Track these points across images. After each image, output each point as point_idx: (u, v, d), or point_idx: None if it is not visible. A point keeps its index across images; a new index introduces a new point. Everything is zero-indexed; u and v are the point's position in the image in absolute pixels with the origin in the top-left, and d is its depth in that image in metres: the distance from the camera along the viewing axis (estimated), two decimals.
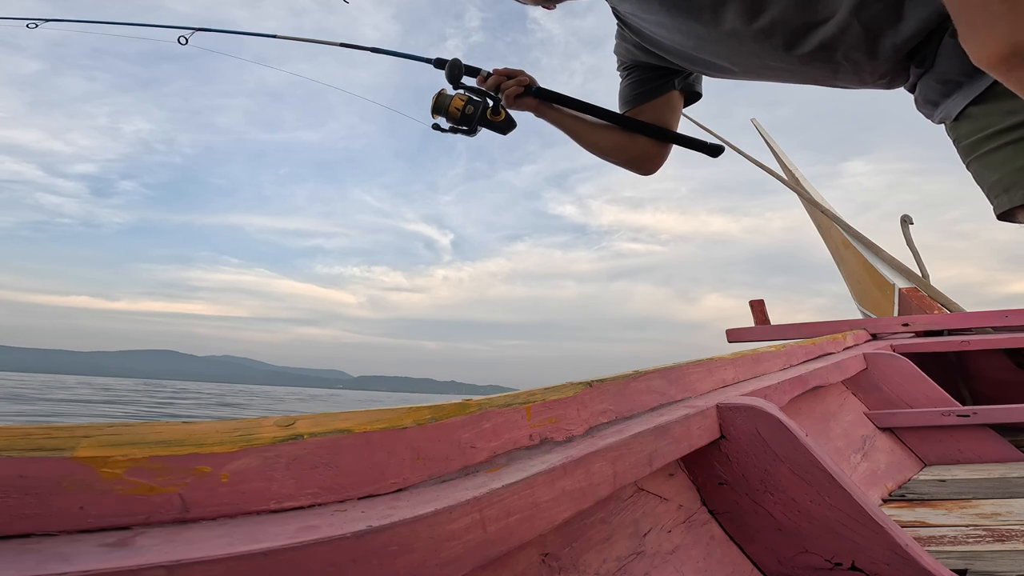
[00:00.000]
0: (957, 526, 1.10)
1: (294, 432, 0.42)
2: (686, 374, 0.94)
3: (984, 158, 0.91)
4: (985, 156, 0.91)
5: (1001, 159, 0.88)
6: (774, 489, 0.82)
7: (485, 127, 1.24)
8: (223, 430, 0.40)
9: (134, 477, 0.35)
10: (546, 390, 0.66)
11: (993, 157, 0.89)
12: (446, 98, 1.22)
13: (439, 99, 1.22)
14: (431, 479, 0.49)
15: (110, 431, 0.36)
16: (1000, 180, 0.89)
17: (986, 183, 0.92)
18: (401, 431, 0.48)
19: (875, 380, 1.75)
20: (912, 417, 1.66)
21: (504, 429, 0.57)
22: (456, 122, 1.22)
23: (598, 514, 0.69)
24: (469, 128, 1.23)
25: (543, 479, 0.52)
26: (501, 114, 1.23)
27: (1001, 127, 0.88)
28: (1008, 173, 0.87)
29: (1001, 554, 0.95)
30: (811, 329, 2.23)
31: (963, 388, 2.17)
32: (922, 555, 0.78)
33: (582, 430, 0.67)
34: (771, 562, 0.83)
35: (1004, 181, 0.88)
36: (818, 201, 3.67)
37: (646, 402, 0.81)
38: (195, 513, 0.37)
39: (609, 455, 0.61)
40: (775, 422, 0.81)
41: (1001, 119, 0.87)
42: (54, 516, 0.33)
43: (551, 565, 0.61)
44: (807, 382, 1.28)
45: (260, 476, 0.40)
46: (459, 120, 1.22)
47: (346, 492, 0.43)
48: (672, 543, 0.77)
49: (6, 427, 0.34)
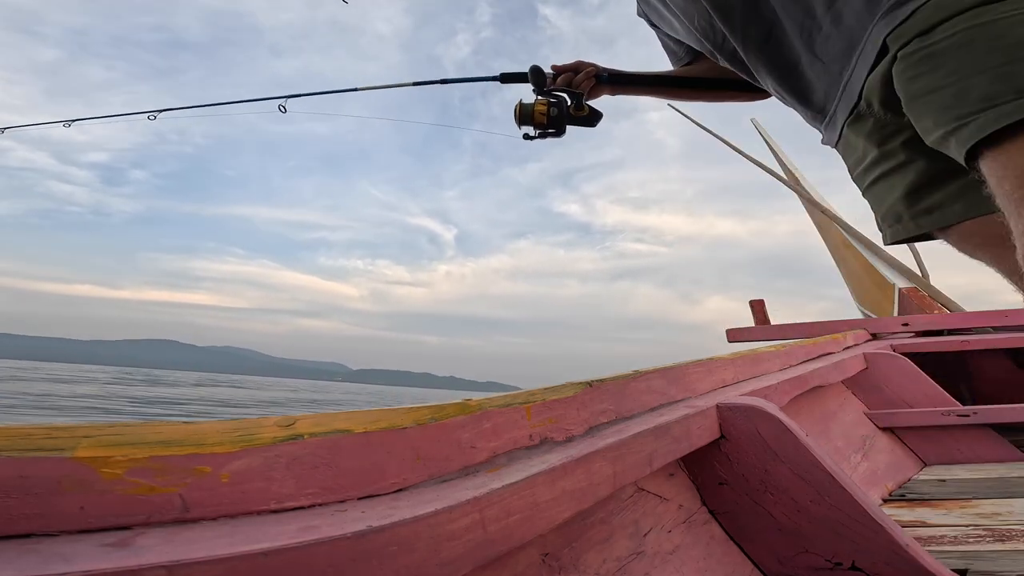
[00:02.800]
0: (957, 526, 1.10)
1: (294, 432, 0.43)
2: (686, 374, 0.94)
3: (870, 190, 0.88)
4: (870, 189, 0.87)
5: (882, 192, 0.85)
6: (774, 489, 0.82)
7: (573, 124, 1.23)
8: (223, 430, 0.40)
9: (134, 477, 0.35)
10: (546, 390, 0.66)
11: (876, 189, 0.86)
12: (528, 107, 1.21)
13: (522, 109, 1.21)
14: (431, 479, 0.49)
15: (110, 431, 0.36)
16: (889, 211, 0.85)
17: (879, 213, 0.89)
18: (401, 431, 0.48)
19: (875, 380, 1.75)
20: (912, 417, 1.66)
21: (504, 429, 0.57)
22: (544, 127, 1.22)
23: (598, 514, 0.69)
24: (558, 130, 1.22)
25: (543, 479, 0.52)
26: (584, 108, 1.22)
27: (868, 162, 0.85)
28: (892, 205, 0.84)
29: (1001, 554, 0.95)
30: (811, 329, 2.23)
31: (963, 388, 2.17)
32: (922, 555, 0.79)
33: (582, 430, 0.67)
34: (771, 562, 0.83)
35: (892, 212, 0.85)
36: (818, 201, 3.67)
37: (646, 402, 0.81)
38: (195, 513, 0.37)
39: (609, 455, 0.61)
40: (775, 422, 0.81)
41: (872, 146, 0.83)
42: (54, 516, 0.33)
43: (551, 565, 0.61)
44: (807, 382, 1.28)
45: (260, 476, 0.40)
46: (547, 124, 1.21)
47: (346, 492, 0.43)
48: (672, 543, 0.77)
49: (6, 427, 0.34)
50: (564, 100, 1.22)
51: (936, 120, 0.65)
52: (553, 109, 1.20)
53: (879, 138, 0.81)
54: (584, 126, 1.24)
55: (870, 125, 0.81)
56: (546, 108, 1.20)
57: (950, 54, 0.62)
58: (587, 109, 1.22)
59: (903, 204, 0.82)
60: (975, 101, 0.60)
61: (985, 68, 0.60)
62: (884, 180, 0.84)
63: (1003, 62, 0.59)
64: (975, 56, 0.61)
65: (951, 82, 0.63)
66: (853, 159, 0.88)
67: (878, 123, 0.79)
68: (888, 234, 0.88)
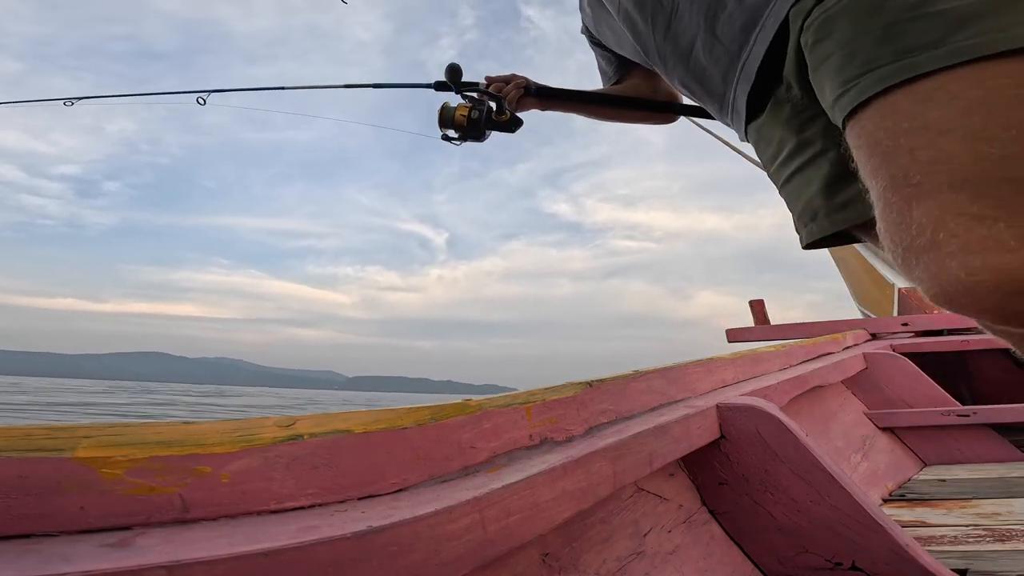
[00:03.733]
0: (957, 526, 1.10)
1: (294, 432, 0.43)
2: (686, 374, 0.94)
3: (785, 188, 0.80)
4: (785, 186, 0.80)
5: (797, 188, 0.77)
6: (774, 489, 0.82)
7: (493, 129, 1.27)
8: (223, 430, 0.40)
9: (134, 477, 0.35)
10: (546, 390, 0.66)
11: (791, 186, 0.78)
12: (450, 110, 1.24)
13: (444, 112, 1.24)
14: (431, 479, 0.49)
15: (110, 431, 0.36)
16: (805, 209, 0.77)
17: (795, 212, 0.80)
18: (401, 431, 0.48)
19: (875, 380, 1.75)
20: (912, 417, 1.66)
21: (504, 429, 0.57)
22: (465, 130, 1.24)
23: (598, 514, 0.69)
24: (478, 134, 1.25)
25: (543, 479, 0.52)
26: (506, 114, 1.25)
27: (784, 155, 0.77)
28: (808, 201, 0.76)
29: (1001, 554, 0.95)
30: (811, 329, 2.23)
31: (963, 388, 2.17)
32: (922, 555, 0.79)
33: (582, 430, 0.67)
34: (771, 562, 0.83)
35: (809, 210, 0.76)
36: None
37: (646, 402, 0.81)
38: (195, 513, 0.37)
39: (609, 455, 0.61)
40: (775, 422, 0.81)
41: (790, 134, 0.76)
42: (54, 516, 0.33)
43: (551, 565, 0.61)
44: (807, 382, 1.28)
45: (260, 476, 0.40)
46: (467, 127, 1.24)
47: (346, 492, 0.43)
48: (672, 543, 0.77)
49: (6, 427, 0.34)
50: (487, 105, 1.25)
51: (830, 88, 0.61)
52: (474, 112, 1.23)
53: (798, 124, 0.74)
54: (503, 131, 1.28)
55: (788, 111, 0.75)
56: (467, 111, 1.23)
57: (842, 17, 0.59)
58: (508, 115, 1.26)
59: (821, 198, 0.74)
60: (858, 65, 0.57)
61: (871, 29, 0.57)
62: (801, 173, 0.76)
63: (889, 22, 0.56)
64: (863, 17, 0.58)
65: (840, 46, 0.59)
66: (769, 152, 0.80)
67: (796, 108, 0.73)
68: (804, 235, 0.78)
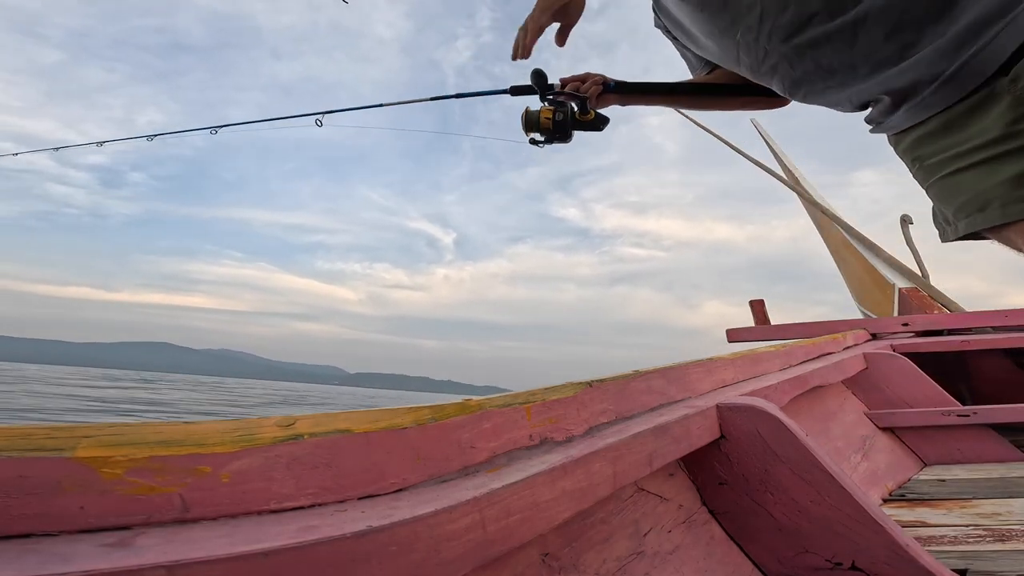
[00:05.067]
0: (957, 526, 1.10)
1: (294, 432, 0.43)
2: (686, 374, 0.94)
3: (953, 178, 0.80)
4: (954, 176, 0.79)
5: (974, 178, 0.77)
6: (774, 489, 0.82)
7: (579, 130, 1.25)
8: (223, 430, 0.40)
9: (134, 477, 0.35)
10: (546, 390, 0.66)
11: (965, 176, 0.78)
12: (534, 113, 1.24)
13: (528, 116, 1.24)
14: (431, 479, 0.49)
15: (110, 431, 0.36)
16: (973, 199, 0.77)
17: (954, 204, 0.81)
18: (401, 431, 0.48)
19: (875, 380, 1.75)
20: (912, 417, 1.66)
21: (504, 429, 0.57)
22: (551, 133, 1.24)
23: (598, 514, 0.69)
24: (564, 134, 1.24)
25: (543, 479, 0.52)
26: (590, 113, 1.24)
27: (974, 144, 0.76)
28: (982, 192, 0.76)
29: (1001, 554, 0.95)
30: (811, 329, 2.23)
31: (963, 388, 2.17)
32: (922, 555, 0.78)
33: (582, 430, 0.67)
34: (771, 562, 0.83)
35: (979, 200, 0.76)
36: (818, 201, 3.67)
37: (646, 402, 0.81)
38: (195, 513, 0.37)
39: (609, 455, 0.61)
40: (775, 422, 0.81)
41: (972, 137, 0.75)
42: (54, 516, 0.33)
43: (551, 565, 0.61)
44: (807, 382, 1.28)
45: (260, 476, 0.40)
46: (553, 130, 1.23)
47: (346, 492, 0.43)
48: (672, 543, 0.77)
49: (6, 427, 0.34)
50: (570, 106, 1.23)
51: None
52: (559, 114, 1.22)
53: (1012, 117, 0.72)
54: (590, 131, 1.26)
55: (1006, 103, 0.72)
56: (552, 114, 1.22)
57: None
58: (593, 114, 1.24)
59: (1004, 188, 0.73)
60: None
61: None
62: (989, 163, 0.75)
63: None
64: None
65: None
66: (949, 141, 0.78)
67: (1017, 101, 0.71)
68: (962, 226, 0.79)
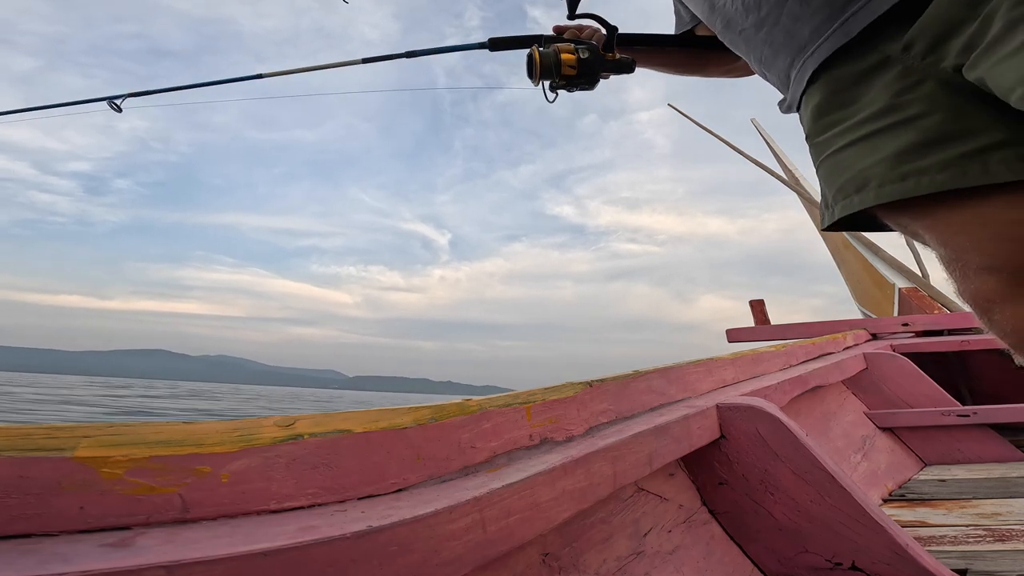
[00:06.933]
0: (957, 526, 1.10)
1: (294, 432, 0.42)
2: (686, 374, 0.94)
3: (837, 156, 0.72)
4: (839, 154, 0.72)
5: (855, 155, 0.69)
6: (774, 489, 0.82)
7: (609, 71, 1.01)
8: (223, 430, 0.40)
9: (134, 477, 0.35)
10: (546, 390, 0.66)
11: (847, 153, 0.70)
12: (549, 55, 0.96)
13: (543, 60, 0.96)
14: (431, 479, 0.49)
15: (110, 431, 0.36)
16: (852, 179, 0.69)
17: (835, 185, 0.73)
18: (401, 431, 0.48)
19: (875, 380, 1.75)
20: (912, 417, 1.65)
21: (504, 429, 0.57)
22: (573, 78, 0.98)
23: (598, 514, 0.69)
24: (590, 78, 0.98)
25: (543, 479, 0.52)
26: (614, 52, 1.00)
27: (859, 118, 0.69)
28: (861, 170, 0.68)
29: (1001, 554, 0.95)
30: (811, 329, 2.23)
31: (963, 388, 2.17)
32: (922, 555, 0.78)
33: (582, 430, 0.67)
34: (771, 562, 0.83)
35: (857, 180, 0.69)
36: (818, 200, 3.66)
37: (646, 402, 0.81)
38: (195, 513, 0.37)
39: (609, 455, 0.61)
40: (775, 422, 0.81)
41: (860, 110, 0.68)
42: (54, 516, 0.33)
43: (551, 565, 0.61)
44: (807, 382, 1.28)
45: (260, 476, 0.40)
46: (578, 73, 0.97)
47: (346, 492, 0.43)
48: (672, 543, 0.77)
49: (6, 427, 0.34)
50: (594, 44, 0.99)
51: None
52: (584, 52, 0.96)
53: (899, 88, 0.66)
54: (622, 73, 1.02)
55: (895, 73, 0.66)
56: (575, 54, 0.96)
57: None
58: (617, 54, 1.00)
59: (884, 166, 0.66)
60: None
61: None
62: (870, 139, 0.68)
63: None
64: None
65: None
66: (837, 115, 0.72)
67: (908, 71, 0.65)
68: (838, 209, 0.72)
